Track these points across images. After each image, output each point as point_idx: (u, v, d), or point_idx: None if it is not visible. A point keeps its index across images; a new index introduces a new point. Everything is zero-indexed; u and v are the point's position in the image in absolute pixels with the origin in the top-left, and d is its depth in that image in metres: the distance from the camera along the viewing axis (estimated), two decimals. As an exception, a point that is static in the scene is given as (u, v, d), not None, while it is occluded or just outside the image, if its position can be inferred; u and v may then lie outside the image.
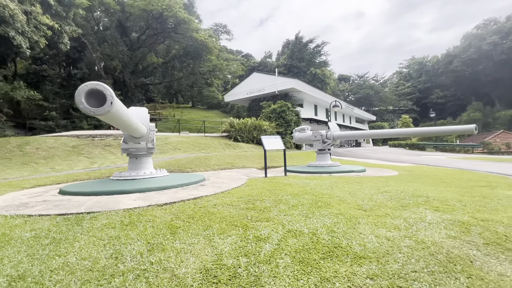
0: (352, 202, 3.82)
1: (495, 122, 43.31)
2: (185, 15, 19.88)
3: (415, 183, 5.72)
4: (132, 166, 5.87)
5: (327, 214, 3.22)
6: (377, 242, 2.37)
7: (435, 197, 4.05)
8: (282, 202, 3.88)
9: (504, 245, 2.32)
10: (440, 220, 2.88)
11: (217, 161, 10.25)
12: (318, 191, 4.65)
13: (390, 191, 4.52)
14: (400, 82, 68.33)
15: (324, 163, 9.58)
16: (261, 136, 6.80)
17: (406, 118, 34.64)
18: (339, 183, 5.52)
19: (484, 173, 7.55)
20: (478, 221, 2.83)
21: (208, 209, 3.58)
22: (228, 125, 16.99)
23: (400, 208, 3.44)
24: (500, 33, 42.02)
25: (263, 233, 2.64)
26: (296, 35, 40.49)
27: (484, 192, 4.61)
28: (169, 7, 18.88)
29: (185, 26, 20.73)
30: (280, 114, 19.90)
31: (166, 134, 16.28)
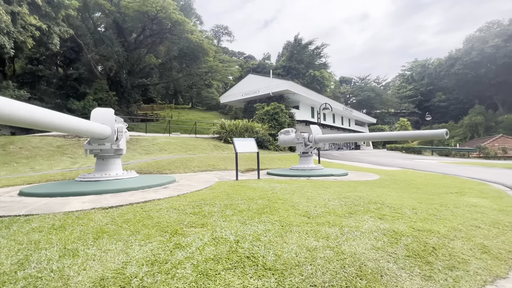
0: (303, 208, 3.72)
1: (498, 126, 42.54)
2: (180, 16, 19.91)
3: (385, 189, 5.59)
4: (98, 168, 5.83)
5: (266, 221, 3.12)
6: (295, 252, 2.28)
7: (391, 204, 3.92)
8: (231, 207, 3.79)
9: (426, 258, 2.21)
10: (375, 230, 2.77)
11: (200, 162, 10.19)
12: (277, 196, 4.55)
13: (350, 197, 4.40)
14: (402, 85, 67.66)
15: (306, 166, 9.46)
16: (234, 138, 6.72)
17: (404, 121, 34.25)
18: (306, 188, 5.41)
19: (465, 179, 7.37)
20: (414, 231, 2.71)
21: (151, 213, 3.51)
22: (219, 126, 16.93)
23: (346, 216, 3.33)
24: (503, 35, 41.35)
25: (187, 241, 2.56)
26: (295, 37, 40.43)
27: (448, 199, 4.46)
28: (163, 8, 18.94)
29: (180, 28, 20.79)
30: (273, 116, 19.79)
31: (155, 135, 16.28)
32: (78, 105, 18.96)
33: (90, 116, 5.45)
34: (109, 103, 21.63)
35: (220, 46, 63.47)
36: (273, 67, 40.49)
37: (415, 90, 63.43)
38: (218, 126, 17.00)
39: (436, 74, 57.01)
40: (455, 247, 2.44)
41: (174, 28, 21.13)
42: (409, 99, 61.82)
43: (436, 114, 62.53)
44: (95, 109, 5.60)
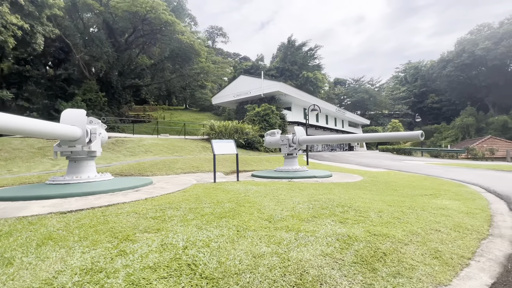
0: (268, 212, 3.64)
1: (488, 127, 43.10)
2: (170, 17, 19.74)
3: (361, 191, 5.54)
4: (70, 170, 5.68)
5: (224, 225, 3.04)
6: (239, 260, 2.20)
7: (359, 207, 3.87)
8: (194, 211, 3.70)
9: (373, 264, 2.14)
10: (331, 234, 2.70)
11: (183, 164, 10.07)
12: (248, 199, 4.47)
13: (320, 200, 4.34)
14: (395, 87, 68.24)
15: (290, 168, 9.39)
16: (212, 140, 6.63)
17: (396, 122, 34.45)
18: (281, 190, 5.34)
19: (446, 181, 7.37)
20: (369, 236, 2.65)
21: (109, 218, 3.40)
22: (208, 128, 16.81)
23: (309, 220, 3.26)
24: (493, 38, 41.95)
25: (133, 247, 2.47)
26: (289, 39, 40.47)
27: (419, 202, 4.43)
28: (153, 8, 18.76)
29: (170, 28, 20.62)
30: (263, 117, 19.73)
31: (142, 136, 16.09)
32: (66, 106, 18.67)
33: (60, 118, 5.31)
34: (98, 104, 21.36)
35: (215, 47, 63.42)
36: (266, 69, 40.52)
37: (408, 92, 64.01)
38: (208, 127, 16.87)
39: (429, 76, 57.65)
40: (407, 252, 2.38)
41: (164, 28, 20.96)
42: (402, 100, 62.38)
43: (429, 116, 63.16)
44: (65, 110, 5.47)
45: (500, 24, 44.92)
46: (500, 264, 2.25)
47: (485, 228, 3.13)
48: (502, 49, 40.12)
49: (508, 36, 40.37)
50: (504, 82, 45.84)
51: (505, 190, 5.71)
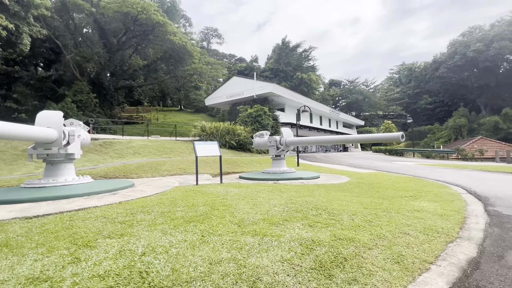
0: (240, 215, 3.58)
1: (480, 128, 43.61)
2: (161, 17, 19.61)
3: (343, 193, 5.51)
4: (47, 173, 5.56)
5: (190, 230, 2.97)
6: (194, 267, 2.13)
7: (334, 209, 3.83)
8: (165, 215, 3.62)
9: (330, 271, 2.09)
10: (296, 239, 2.65)
11: (171, 166, 9.96)
12: (224, 202, 4.41)
13: (297, 202, 4.29)
14: (390, 88, 68.78)
15: (278, 170, 9.35)
16: (194, 142, 6.55)
17: (389, 123, 34.66)
18: (261, 192, 5.29)
19: (430, 182, 7.39)
20: (335, 240, 2.61)
21: (75, 223, 3.31)
22: (199, 129, 16.70)
23: (280, 223, 3.21)
24: (484, 40, 42.54)
25: (89, 254, 2.39)
26: (283, 40, 40.57)
27: (397, 204, 4.40)
28: (144, 9, 18.61)
29: (162, 29, 20.48)
30: (256, 118, 19.68)
31: (131, 138, 15.93)
32: (55, 108, 18.42)
33: (35, 120, 5.20)
34: (89, 105, 21.10)
35: (210, 48, 63.35)
36: (261, 70, 40.52)
37: (402, 93, 64.53)
38: (199, 129, 16.77)
39: (422, 77, 58.19)
40: (369, 257, 2.33)
41: (156, 29, 20.81)
42: (396, 101, 62.86)
43: (423, 116, 63.71)
44: (40, 112, 5.35)
45: (491, 26, 45.61)
46: (460, 268, 2.21)
47: (455, 231, 3.10)
48: (493, 50, 40.68)
49: (498, 38, 40.97)
50: (496, 83, 46.50)
51: (484, 191, 5.72)
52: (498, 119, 41.27)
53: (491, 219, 3.64)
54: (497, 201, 4.78)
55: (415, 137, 55.35)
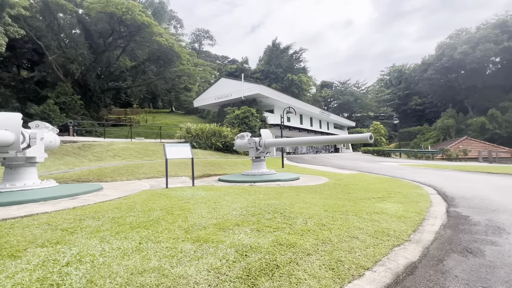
0: (193, 220, 3.45)
1: (467, 128, 44.43)
2: (146, 18, 19.34)
3: (312, 195, 5.43)
4: (6, 178, 5.33)
5: (130, 237, 2.84)
6: (113, 278, 2.00)
7: (293, 212, 3.74)
8: (115, 221, 3.47)
9: (256, 280, 1.98)
10: (235, 245, 2.54)
11: (149, 169, 9.76)
12: (185, 206, 4.27)
13: (259, 206, 4.19)
14: (380, 89, 69.66)
15: (257, 172, 9.25)
16: (164, 144, 6.40)
17: (377, 124, 34.98)
18: (228, 196, 5.17)
19: (405, 182, 7.39)
20: (275, 246, 2.51)
21: (12, 230, 3.13)
22: (184, 131, 16.50)
23: (229, 228, 3.10)
24: (470, 43, 43.46)
25: (8, 265, 2.24)
26: (273, 42, 40.66)
27: (360, 206, 4.34)
28: (129, 9, 18.32)
29: (148, 30, 20.22)
30: (243, 120, 19.58)
31: (114, 140, 15.62)
32: (36, 110, 17.95)
33: (-10, 122, 4.97)
34: (73, 107, 20.65)
35: (202, 49, 63.11)
36: (251, 71, 40.48)
37: (392, 94, 65.39)
38: (184, 130, 16.56)
39: (411, 79, 59.13)
40: (304, 263, 2.24)
41: (142, 30, 20.54)
42: (387, 103, 63.62)
43: (413, 117, 64.67)
44: (-5, 114, 5.13)
45: (477, 29, 46.65)
46: (395, 274, 2.13)
47: (407, 234, 3.04)
48: (478, 53, 41.54)
49: (484, 40, 41.89)
50: (482, 85, 47.48)
51: (454, 192, 5.72)
52: (485, 120, 42.10)
53: (448, 221, 3.60)
54: (462, 201, 4.77)
55: (405, 137, 56.10)
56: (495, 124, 41.35)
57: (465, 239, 2.86)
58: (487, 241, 2.78)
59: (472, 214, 3.86)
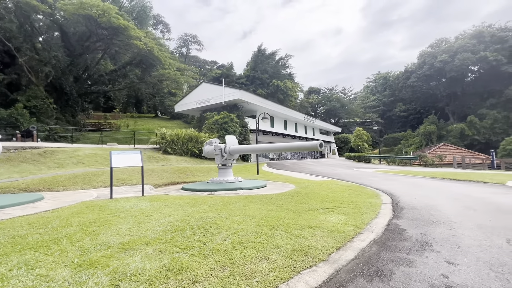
0: (103, 239, 3.11)
1: (448, 134, 45.65)
2: (123, 21, 18.87)
3: (262, 205, 5.16)
4: None
5: (9, 261, 2.46)
6: None
7: (218, 227, 3.45)
8: (11, 241, 3.08)
9: (107, 318, 1.67)
10: (115, 271, 2.22)
11: (108, 177, 9.28)
12: (110, 220, 3.92)
13: (191, 220, 3.88)
14: (366, 96, 71.05)
15: (223, 179, 8.94)
16: (111, 151, 6.01)
17: (360, 130, 35.40)
18: (170, 206, 4.84)
19: (366, 190, 7.24)
20: (160, 272, 2.21)
21: None
22: (159, 136, 16.03)
23: (135, 248, 2.78)
24: (449, 52, 45.02)
25: None
26: (259, 47, 40.81)
27: (302, 218, 4.09)
28: (105, 12, 17.85)
29: (126, 33, 19.76)
30: (222, 125, 19.27)
31: (81, 146, 14.96)
32: (3, 114, 17.06)
33: None
34: (45, 111, 19.81)
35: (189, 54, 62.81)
36: (236, 77, 40.38)
37: (378, 101, 66.75)
38: (158, 136, 16.09)
39: (395, 86, 60.58)
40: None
41: (120, 33, 20.07)
42: (372, 109, 64.77)
43: (398, 124, 66.12)
44: None
45: (455, 39, 48.46)
46: (280, 306, 1.86)
47: (329, 252, 2.79)
48: (457, 61, 43.02)
49: (462, 50, 43.47)
50: (462, 92, 49.14)
51: (407, 201, 5.59)
52: (464, 126, 43.35)
53: (382, 235, 3.40)
54: (409, 212, 4.61)
55: (390, 143, 57.15)
56: (473, 131, 42.63)
57: (384, 258, 2.64)
58: (405, 260, 2.56)
59: (410, 228, 3.67)
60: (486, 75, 45.87)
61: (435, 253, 2.70)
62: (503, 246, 2.83)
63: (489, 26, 46.43)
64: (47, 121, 20.15)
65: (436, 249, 2.83)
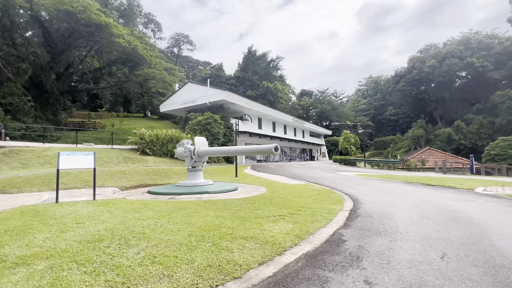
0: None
1: (436, 139, 46.20)
2: (104, 18, 18.35)
3: (216, 211, 4.88)
4: None
5: None
6: None
7: (143, 238, 3.16)
8: None
9: None
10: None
11: (73, 178, 8.88)
12: (34, 227, 3.59)
13: (118, 228, 3.58)
14: (357, 99, 71.64)
15: (191, 182, 8.63)
16: (59, 152, 5.65)
17: (347, 133, 35.53)
18: (111, 212, 4.53)
19: (336, 195, 7.05)
20: None
21: None
22: (137, 137, 15.60)
23: (29, 264, 2.46)
24: (438, 57, 45.70)
25: None
26: (249, 49, 40.68)
27: (245, 226, 3.83)
28: (85, 8, 17.36)
29: (108, 31, 19.26)
30: (205, 126, 18.93)
31: (53, 145, 14.44)
32: (-25, 111, 16.41)
33: None
34: (22, 109, 19.14)
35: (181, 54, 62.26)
36: (226, 77, 40.09)
37: (369, 104, 67.32)
38: (137, 136, 15.65)
39: (386, 89, 61.24)
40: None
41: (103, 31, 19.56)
42: (363, 112, 65.30)
43: (388, 127, 66.75)
44: None
45: (444, 44, 49.25)
46: None
47: (247, 268, 2.54)
48: (445, 67, 43.66)
49: (450, 55, 44.16)
50: (450, 97, 49.87)
51: (367, 208, 5.40)
52: (451, 131, 43.94)
53: (319, 247, 3.16)
54: (362, 221, 4.40)
55: (380, 146, 57.61)
56: (460, 135, 43.24)
57: (302, 277, 2.40)
58: (322, 279, 2.33)
59: (351, 239, 3.45)
60: (473, 81, 46.73)
61: (359, 270, 2.47)
62: (434, 262, 2.63)
63: (476, 33, 47.36)
64: (24, 119, 19.47)
65: (363, 265, 2.60)
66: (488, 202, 5.92)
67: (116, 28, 19.74)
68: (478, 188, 7.90)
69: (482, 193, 7.23)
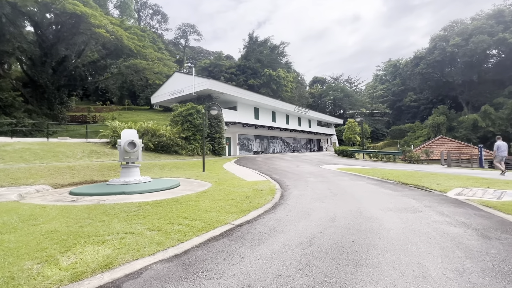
0: None
1: (459, 126, 41.80)
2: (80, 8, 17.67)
3: (108, 217, 3.90)
4: None
5: None
6: None
7: None
8: None
9: None
10: None
11: (4, 175, 8.37)
12: None
13: None
14: (375, 85, 67.04)
15: (124, 180, 7.76)
16: None
17: (351, 122, 32.88)
18: None
19: (268, 198, 5.78)
20: None
21: None
22: (110, 130, 15.09)
23: None
24: (463, 34, 40.57)
25: None
26: (250, 35, 38.57)
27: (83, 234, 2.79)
28: (58, -3, 16.76)
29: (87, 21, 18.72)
30: (186, 117, 18.04)
31: (21, 140, 14.24)
32: (-38, 107, 16.82)
33: None
34: (12, 104, 19.48)
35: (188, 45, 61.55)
36: (226, 67, 38.72)
37: (387, 90, 62.70)
38: (110, 129, 15.14)
39: (405, 73, 56.43)
40: None
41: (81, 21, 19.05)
42: (380, 99, 61.06)
43: (408, 114, 61.77)
44: None
45: (472, 19, 43.72)
46: None
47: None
48: (471, 45, 38.87)
49: (477, 32, 39.12)
50: (478, 80, 44.55)
51: (245, 229, 4.12)
52: (477, 117, 39.50)
53: None
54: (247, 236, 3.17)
55: (396, 135, 53.57)
56: (488, 122, 38.75)
57: None
58: None
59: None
60: (506, 59, 41.26)
61: None
62: None
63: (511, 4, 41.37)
64: (15, 114, 19.82)
65: None
66: (436, 216, 4.33)
67: (95, 18, 19.16)
68: (454, 189, 6.18)
69: (451, 197, 5.58)
